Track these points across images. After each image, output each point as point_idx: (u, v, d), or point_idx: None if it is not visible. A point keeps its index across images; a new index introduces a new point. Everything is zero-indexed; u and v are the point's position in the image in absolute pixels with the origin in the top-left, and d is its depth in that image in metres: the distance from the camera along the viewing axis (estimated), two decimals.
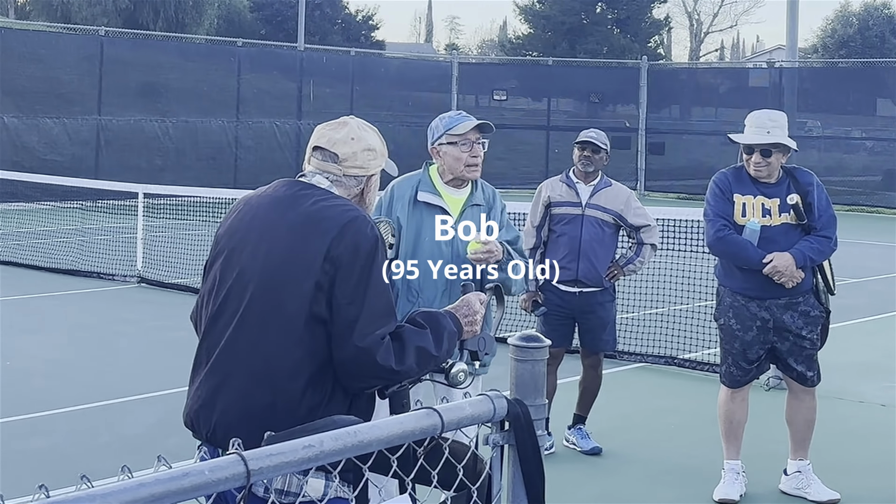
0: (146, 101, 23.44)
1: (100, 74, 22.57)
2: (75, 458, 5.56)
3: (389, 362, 2.48)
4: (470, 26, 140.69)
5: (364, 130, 2.78)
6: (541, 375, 2.06)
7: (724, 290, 5.10)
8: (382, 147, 2.82)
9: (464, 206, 4.16)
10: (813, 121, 28.25)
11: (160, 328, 9.12)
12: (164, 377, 7.17)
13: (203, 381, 2.61)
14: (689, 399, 7.17)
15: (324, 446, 1.67)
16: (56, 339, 8.76)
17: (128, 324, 9.47)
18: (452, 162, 4.13)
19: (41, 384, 7.13)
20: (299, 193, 2.67)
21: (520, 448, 1.99)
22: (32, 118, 21.47)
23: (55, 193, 17.22)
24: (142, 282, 11.55)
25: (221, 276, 2.64)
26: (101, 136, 22.41)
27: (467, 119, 4.17)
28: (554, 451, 5.78)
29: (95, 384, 7.18)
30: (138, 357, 8.14)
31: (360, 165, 2.74)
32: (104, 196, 15.92)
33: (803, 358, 5.01)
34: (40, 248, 13.59)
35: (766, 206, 4.93)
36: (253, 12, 39.57)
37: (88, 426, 6.24)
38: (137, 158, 22.40)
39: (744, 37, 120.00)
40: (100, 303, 10.62)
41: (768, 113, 5.03)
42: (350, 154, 2.73)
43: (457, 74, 28.68)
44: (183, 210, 15.15)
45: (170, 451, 1.96)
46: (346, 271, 2.51)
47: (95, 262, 12.39)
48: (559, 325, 5.78)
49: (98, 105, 22.53)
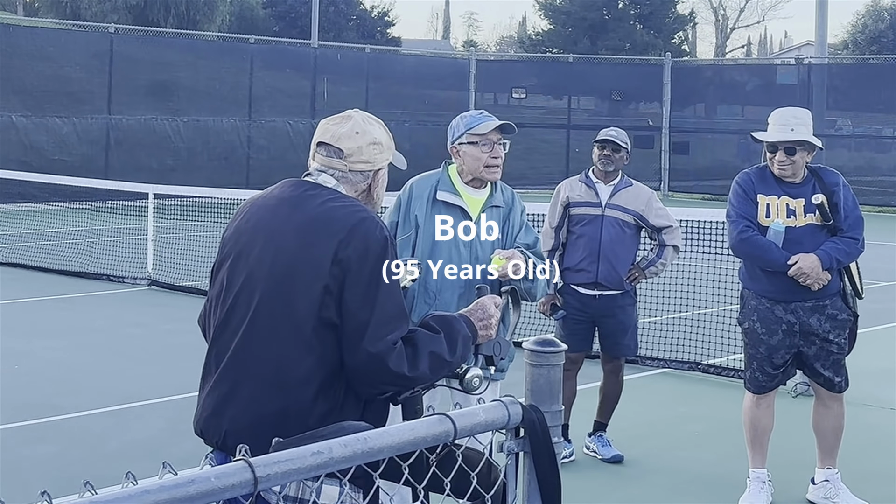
0: (157, 100, 23.55)
1: (109, 72, 22.70)
2: (83, 465, 5.59)
3: (402, 368, 2.48)
4: (488, 22, 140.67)
5: (369, 124, 2.77)
6: (557, 381, 2.06)
7: (748, 293, 5.08)
8: (389, 140, 2.81)
9: (483, 207, 4.17)
10: (843, 119, 28.13)
11: (171, 332, 9.16)
12: (174, 382, 7.20)
13: (212, 389, 2.62)
14: (713, 406, 7.14)
15: (333, 453, 1.67)
16: (64, 342, 8.80)
17: (138, 327, 9.51)
18: (472, 162, 4.14)
19: (49, 389, 7.17)
20: (306, 194, 2.67)
21: (535, 456, 1.99)
22: (41, 117, 21.60)
23: (64, 194, 17.32)
24: (152, 284, 11.60)
25: (229, 281, 2.65)
26: (111, 136, 22.54)
27: (489, 119, 4.18)
28: (574, 458, 5.77)
29: (104, 389, 7.22)
30: (148, 361, 8.17)
31: (365, 160, 2.73)
32: (114, 197, 16.01)
33: (831, 363, 4.98)
34: (49, 250, 13.67)
35: (790, 207, 4.91)
36: (266, 8, 39.72)
37: (97, 432, 6.26)
38: (148, 158, 22.51)
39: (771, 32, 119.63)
40: (109, 306, 10.67)
41: (792, 110, 5.01)
42: (355, 149, 2.72)
43: (475, 72, 28.68)
44: (194, 211, 15.22)
45: (180, 458, 1.98)
46: (356, 274, 2.51)
47: (105, 265, 12.45)
48: (578, 328, 5.77)
49: (108, 104, 22.66)
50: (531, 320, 8.32)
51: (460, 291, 4.02)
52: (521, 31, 66.58)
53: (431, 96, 28.20)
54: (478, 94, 28.94)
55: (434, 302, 4.01)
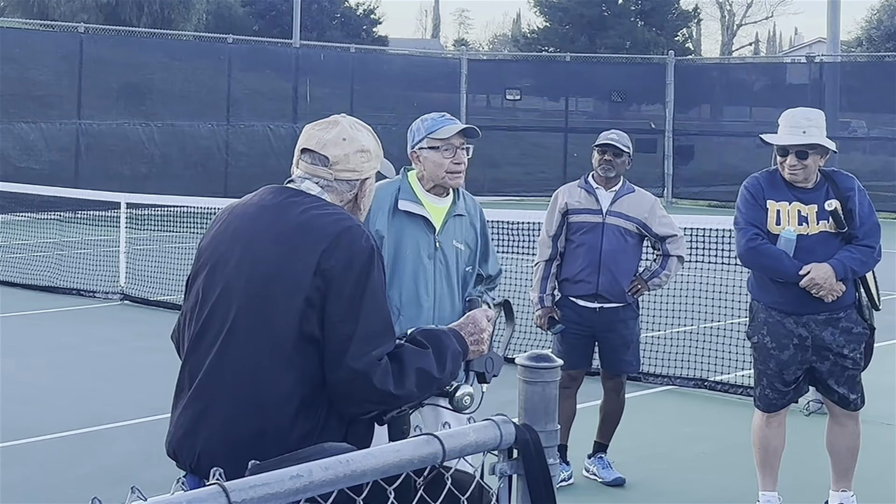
0: (129, 104, 23.55)
1: (79, 75, 22.70)
2: (53, 490, 5.58)
3: (387, 386, 2.47)
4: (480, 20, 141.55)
5: (356, 130, 2.77)
6: (552, 398, 2.06)
7: (757, 306, 5.08)
8: (377, 147, 2.80)
9: (446, 217, 4.20)
10: (857, 120, 28.24)
11: (144, 349, 9.14)
12: (148, 402, 7.18)
13: (185, 407, 2.61)
14: (720, 425, 7.14)
15: (313, 476, 1.67)
16: (32, 361, 8.78)
17: (109, 344, 9.49)
18: (433, 168, 4.15)
19: (16, 410, 7.15)
20: (287, 201, 2.66)
21: (529, 478, 1.99)
22: (6, 123, 21.59)
23: (31, 204, 17.30)
24: (125, 299, 11.58)
25: (204, 293, 2.64)
26: (81, 142, 22.52)
27: (451, 122, 4.19)
28: (573, 481, 5.77)
29: (75, 410, 7.20)
30: (121, 380, 8.16)
31: (352, 168, 2.72)
32: (84, 206, 15.97)
33: (845, 379, 4.99)
34: (15, 263, 13.64)
35: (802, 213, 4.92)
36: (245, 6, 39.78)
37: (67, 455, 6.25)
38: (120, 165, 22.50)
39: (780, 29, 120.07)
40: (79, 322, 10.65)
41: (804, 111, 5.01)
42: (342, 157, 2.72)
43: (466, 72, 28.75)
44: (169, 221, 15.20)
45: (153, 482, 1.97)
46: (339, 286, 2.50)
47: (75, 278, 12.43)
48: (578, 344, 5.77)
49: (77, 108, 22.65)
50: (527, 335, 8.32)
51: (425, 307, 4.03)
52: (516, 29, 66.84)
53: (421, 98, 28.21)
54: (470, 95, 29.02)
55: (398, 318, 4.00)
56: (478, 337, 2.70)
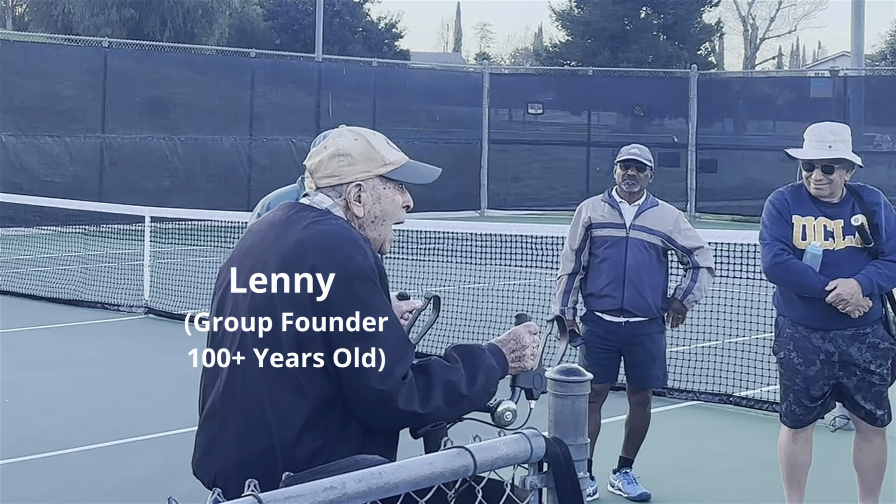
0: (153, 118, 23.69)
1: (103, 89, 22.85)
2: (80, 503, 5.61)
3: (413, 406, 2.44)
4: (502, 34, 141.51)
5: (342, 136, 2.69)
6: (582, 412, 2.08)
7: (783, 321, 5.07)
8: (367, 151, 2.66)
9: None
10: (882, 135, 28.06)
11: (169, 363, 9.17)
12: (173, 416, 7.21)
13: (202, 428, 2.65)
14: (746, 441, 7.12)
15: (346, 488, 1.69)
16: (57, 374, 8.83)
17: (134, 358, 9.54)
18: None
19: (43, 423, 7.19)
20: (293, 216, 2.62)
21: (559, 491, 2.00)
22: (32, 137, 21.76)
23: (56, 217, 17.42)
24: (149, 312, 11.64)
25: (218, 312, 2.65)
26: (105, 156, 22.67)
27: None
28: (598, 497, 5.76)
29: (100, 423, 7.23)
30: (146, 394, 8.19)
31: (330, 174, 2.65)
32: (108, 220, 16.08)
33: (872, 395, 4.97)
34: (40, 277, 13.73)
35: (828, 228, 4.91)
36: (267, 21, 39.98)
37: (93, 469, 6.28)
38: (144, 179, 22.63)
39: (804, 43, 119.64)
40: (104, 336, 10.71)
41: (829, 125, 5.01)
42: (317, 163, 2.67)
43: (488, 86, 28.77)
44: (193, 235, 15.27)
45: (180, 496, 1.99)
46: (340, 307, 2.45)
47: (99, 292, 12.50)
48: (603, 358, 5.77)
49: (102, 122, 22.81)
50: (549, 349, 8.31)
51: None
52: (537, 43, 66.88)
53: (443, 112, 28.29)
54: (491, 109, 29.03)
55: None
56: (519, 353, 2.67)
